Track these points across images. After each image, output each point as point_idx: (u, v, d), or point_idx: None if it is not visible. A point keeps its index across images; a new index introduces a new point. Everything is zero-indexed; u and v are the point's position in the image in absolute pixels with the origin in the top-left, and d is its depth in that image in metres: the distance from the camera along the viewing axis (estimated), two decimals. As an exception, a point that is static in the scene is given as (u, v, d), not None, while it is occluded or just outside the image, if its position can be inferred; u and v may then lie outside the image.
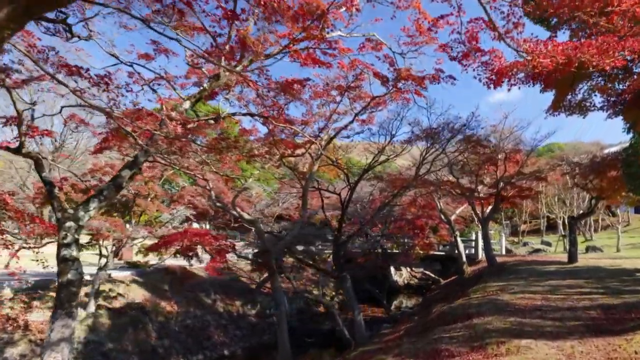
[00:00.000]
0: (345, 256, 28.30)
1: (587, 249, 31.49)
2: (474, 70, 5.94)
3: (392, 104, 11.36)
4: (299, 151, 11.53)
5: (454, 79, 8.34)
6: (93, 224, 12.65)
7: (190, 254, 11.25)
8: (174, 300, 17.97)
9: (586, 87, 7.35)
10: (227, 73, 6.29)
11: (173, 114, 5.98)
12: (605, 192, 18.00)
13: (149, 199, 16.82)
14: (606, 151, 19.30)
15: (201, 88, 6.40)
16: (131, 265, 17.60)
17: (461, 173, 21.45)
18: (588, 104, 7.53)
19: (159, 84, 7.56)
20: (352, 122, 11.38)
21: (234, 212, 11.08)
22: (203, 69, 7.04)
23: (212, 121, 8.04)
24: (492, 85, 5.63)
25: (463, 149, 13.18)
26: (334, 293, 26.96)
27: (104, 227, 12.69)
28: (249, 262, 21.39)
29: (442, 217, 23.75)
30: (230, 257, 21.92)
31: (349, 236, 13.58)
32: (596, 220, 47.93)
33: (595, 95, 7.33)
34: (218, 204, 11.34)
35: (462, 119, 12.21)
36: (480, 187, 22.17)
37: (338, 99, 10.29)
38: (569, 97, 6.98)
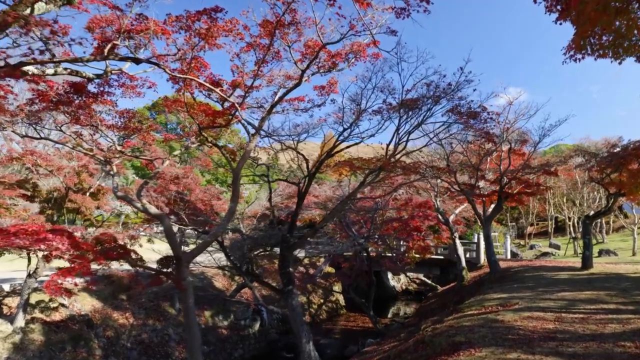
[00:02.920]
0: (338, 262, 26.13)
1: (600, 253, 29.12)
2: None
3: (357, 64, 9.12)
4: (220, 120, 9.16)
5: (428, 2, 6.01)
6: (5, 222, 10.50)
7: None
8: (131, 311, 15.81)
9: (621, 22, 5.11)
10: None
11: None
12: (625, 187, 15.62)
13: (87, 193, 14.61)
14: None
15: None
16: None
17: (460, 167, 19.16)
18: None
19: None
20: (299, 83, 8.97)
21: (138, 205, 8.86)
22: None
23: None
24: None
25: (452, 121, 10.63)
26: (321, 301, 24.68)
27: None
28: (221, 269, 19.18)
29: (440, 217, 21.41)
30: (206, 260, 19.81)
31: (300, 237, 11.18)
32: (607, 221, 45.34)
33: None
34: (119, 194, 9.15)
35: (446, 79, 9.63)
36: (482, 183, 19.83)
37: (284, 56, 7.99)
38: (597, 30, 4.77)
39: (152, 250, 11.58)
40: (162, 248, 12.17)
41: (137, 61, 6.12)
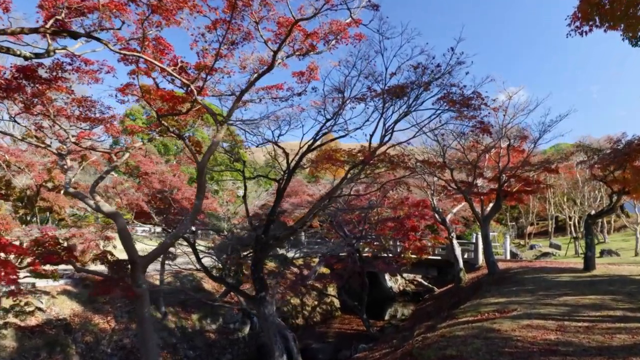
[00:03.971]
0: (331, 262, 25.45)
1: (602, 253, 28.42)
2: None
3: (338, 46, 8.40)
4: (181, 107, 8.46)
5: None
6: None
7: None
8: (112, 315, 15.15)
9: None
10: None
11: None
12: (630, 184, 14.96)
13: (62, 191, 13.91)
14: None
15: None
16: (37, 275, 14.73)
17: (457, 164, 18.49)
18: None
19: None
20: (272, 66, 8.23)
21: (90, 203, 8.20)
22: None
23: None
24: None
25: (444, 109, 9.69)
26: (315, 303, 24.00)
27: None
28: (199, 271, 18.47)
29: (437, 216, 20.71)
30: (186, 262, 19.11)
31: (276, 238, 10.40)
32: (608, 221, 44.64)
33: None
34: (71, 191, 8.46)
35: (435, 61, 8.73)
36: (480, 181, 19.14)
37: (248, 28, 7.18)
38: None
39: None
40: (139, 247, 11.48)
41: (75, 35, 5.45)
